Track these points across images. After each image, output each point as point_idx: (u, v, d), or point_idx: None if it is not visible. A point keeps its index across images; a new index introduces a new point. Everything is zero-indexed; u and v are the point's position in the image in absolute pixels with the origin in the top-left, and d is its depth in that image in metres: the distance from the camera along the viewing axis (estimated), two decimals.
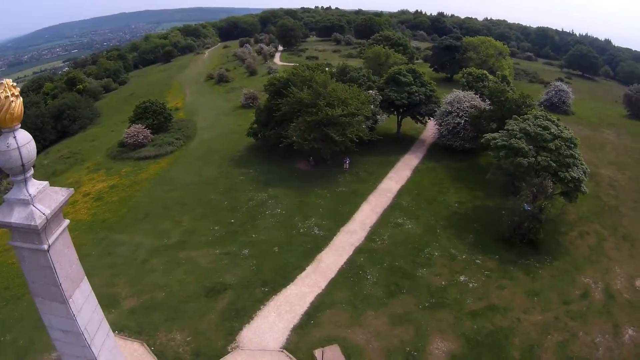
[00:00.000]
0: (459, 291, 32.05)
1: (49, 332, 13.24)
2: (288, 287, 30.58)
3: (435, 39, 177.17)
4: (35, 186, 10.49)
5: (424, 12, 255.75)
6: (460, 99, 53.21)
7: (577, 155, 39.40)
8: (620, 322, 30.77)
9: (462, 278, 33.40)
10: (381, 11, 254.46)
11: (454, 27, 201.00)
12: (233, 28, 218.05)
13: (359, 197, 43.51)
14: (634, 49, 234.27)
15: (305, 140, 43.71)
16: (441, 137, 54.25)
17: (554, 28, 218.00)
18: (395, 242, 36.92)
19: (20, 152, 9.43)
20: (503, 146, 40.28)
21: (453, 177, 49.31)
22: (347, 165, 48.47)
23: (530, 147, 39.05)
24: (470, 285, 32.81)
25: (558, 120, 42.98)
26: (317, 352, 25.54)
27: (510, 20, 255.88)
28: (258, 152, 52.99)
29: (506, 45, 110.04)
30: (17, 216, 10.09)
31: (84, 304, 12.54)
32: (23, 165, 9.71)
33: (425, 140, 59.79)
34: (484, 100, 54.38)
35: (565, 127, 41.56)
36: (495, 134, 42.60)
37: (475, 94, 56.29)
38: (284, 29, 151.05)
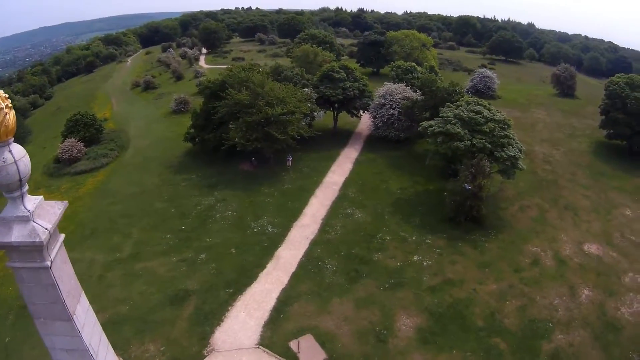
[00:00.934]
0: (414, 270, 33.72)
1: (51, 354, 12.64)
2: (252, 285, 30.67)
3: (357, 35, 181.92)
4: (32, 201, 10.01)
5: (344, 9, 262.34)
6: (392, 91, 55.50)
7: (511, 135, 42.63)
8: (575, 284, 33.78)
9: (415, 258, 35.15)
10: (302, 9, 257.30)
11: (375, 23, 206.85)
12: (154, 34, 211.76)
13: (307, 192, 44.21)
14: (557, 30, 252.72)
15: (248, 141, 43.73)
16: (377, 129, 56.17)
17: (475, 16, 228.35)
18: (348, 232, 38.01)
19: (17, 167, 9.01)
20: (440, 132, 42.69)
21: (392, 166, 51.30)
22: (290, 162, 49.01)
23: (466, 131, 41.74)
24: (425, 263, 34.63)
25: (489, 104, 46.15)
26: (293, 344, 25.96)
27: (430, 12, 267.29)
28: (197, 156, 52.24)
29: (430, 37, 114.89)
30: (17, 234, 9.57)
31: (86, 319, 12.08)
32: (20, 180, 9.26)
33: (361, 133, 61.62)
34: (415, 91, 57.04)
35: (497, 111, 44.68)
36: (431, 122, 44.95)
37: (407, 85, 58.74)
38: (207, 31, 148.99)
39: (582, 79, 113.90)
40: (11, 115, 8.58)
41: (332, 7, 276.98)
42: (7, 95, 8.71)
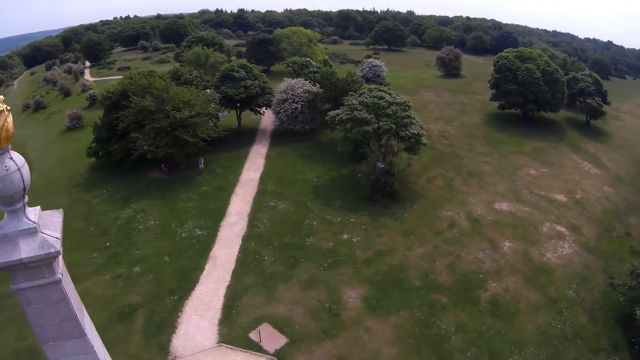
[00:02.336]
0: (347, 247, 35.75)
1: None
2: (196, 288, 30.35)
3: (241, 35, 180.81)
4: (33, 212, 9.09)
5: (224, 10, 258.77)
6: (293, 86, 57.11)
7: (412, 115, 46.39)
8: (494, 238, 38.05)
9: (345, 237, 37.15)
10: (180, 13, 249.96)
11: (257, 22, 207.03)
12: (37, 53, 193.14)
13: (226, 191, 44.15)
14: (437, 15, 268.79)
15: (158, 148, 42.48)
16: (282, 123, 57.29)
17: (355, 9, 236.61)
18: (276, 223, 38.85)
19: (21, 174, 8.18)
20: (348, 119, 44.99)
21: (303, 156, 52.85)
22: (202, 164, 48.40)
23: (372, 115, 44.70)
24: (354, 240, 36.79)
25: (389, 89, 49.47)
26: (254, 334, 26.41)
27: (310, 8, 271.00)
28: (104, 170, 49.29)
29: (316, 32, 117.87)
30: (27, 250, 8.58)
31: (92, 331, 11.45)
32: (24, 189, 8.41)
33: (266, 129, 62.32)
34: (314, 85, 59.00)
35: (397, 94, 48.03)
36: (338, 111, 47.32)
37: (305, 80, 60.49)
38: (90, 44, 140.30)
39: (467, 59, 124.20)
40: (10, 119, 7.92)
41: (212, 8, 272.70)
42: (3, 98, 7.97)
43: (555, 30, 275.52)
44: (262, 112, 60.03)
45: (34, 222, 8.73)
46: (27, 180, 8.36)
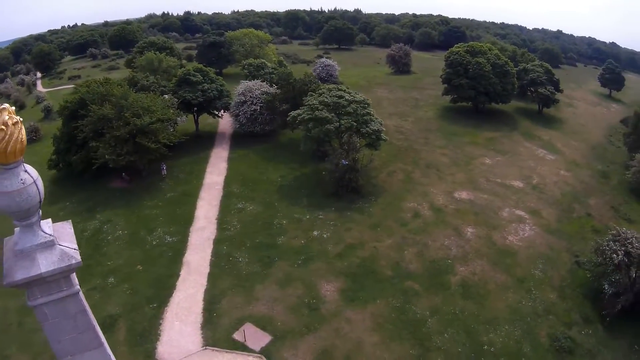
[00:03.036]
0: (318, 244, 36.65)
1: None
2: (174, 295, 30.31)
3: (188, 38, 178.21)
4: (47, 224, 8.79)
5: (171, 14, 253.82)
6: (251, 88, 57.35)
7: (371, 113, 47.77)
8: (457, 225, 39.88)
9: (315, 233, 38.03)
10: (127, 19, 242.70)
11: (204, 24, 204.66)
12: None
13: (191, 196, 43.98)
14: (384, 13, 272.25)
15: (119, 156, 41.77)
16: (241, 125, 57.33)
17: (302, 9, 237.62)
18: (245, 224, 39.18)
19: (37, 187, 7.92)
20: (310, 119, 45.72)
21: (265, 157, 53.27)
22: (165, 171, 47.87)
23: (333, 114, 45.66)
24: (324, 236, 37.75)
25: (348, 88, 50.64)
26: (238, 335, 26.80)
27: (258, 9, 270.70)
28: (64, 182, 47.50)
29: (271, 34, 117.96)
30: (46, 263, 8.23)
31: (104, 338, 11.26)
32: (40, 201, 8.14)
33: (224, 132, 62.22)
34: (271, 86, 59.40)
35: (356, 93, 49.21)
36: (299, 111, 47.95)
37: (262, 81, 60.85)
38: (40, 54, 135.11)
39: (416, 55, 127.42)
40: (23, 131, 7.68)
41: (158, 12, 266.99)
42: (14, 109, 7.72)
43: (503, 23, 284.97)
44: (220, 115, 59.91)
45: (50, 235, 8.47)
46: (42, 192, 8.17)
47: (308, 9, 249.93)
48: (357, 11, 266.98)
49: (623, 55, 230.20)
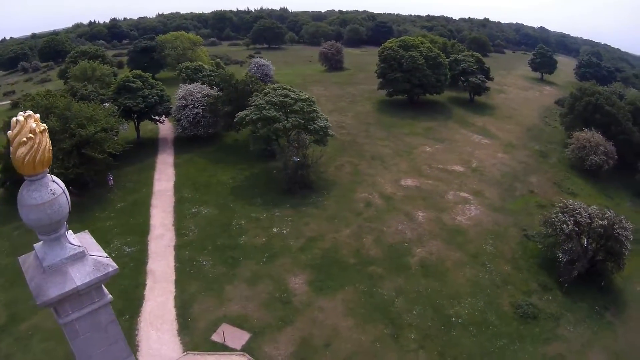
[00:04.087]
0: (280, 240, 37.47)
1: None
2: (144, 305, 29.91)
3: (116, 45, 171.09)
4: (72, 235, 8.23)
5: (98, 22, 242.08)
6: (192, 91, 56.70)
7: (317, 110, 48.97)
8: (408, 210, 41.99)
9: (275, 230, 38.75)
10: (55, 30, 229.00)
11: (131, 30, 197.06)
12: None
13: (143, 205, 43.19)
14: (310, 11, 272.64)
15: (67, 170, 40.35)
16: (184, 130, 56.58)
17: (229, 10, 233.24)
18: (204, 228, 39.15)
19: (66, 197, 7.43)
20: (258, 119, 46.18)
21: (213, 160, 53.06)
22: (112, 181, 46.62)
23: (280, 113, 46.33)
24: (284, 232, 38.57)
25: (292, 87, 51.52)
26: (217, 336, 27.18)
27: (183, 11, 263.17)
28: (12, 201, 44.83)
29: (199, 36, 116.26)
30: (80, 276, 7.69)
31: None
32: (69, 211, 7.67)
33: (167, 137, 61.17)
34: (211, 88, 59.13)
35: (300, 91, 50.19)
36: (246, 111, 48.16)
37: (202, 84, 60.42)
38: None
39: (346, 51, 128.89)
40: (49, 140, 7.22)
41: (85, 21, 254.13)
42: (38, 116, 7.23)
43: (429, 15, 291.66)
44: (161, 120, 58.97)
45: (79, 246, 7.97)
46: (69, 201, 7.73)
47: (235, 9, 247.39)
48: (284, 10, 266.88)
49: (552, 39, 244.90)
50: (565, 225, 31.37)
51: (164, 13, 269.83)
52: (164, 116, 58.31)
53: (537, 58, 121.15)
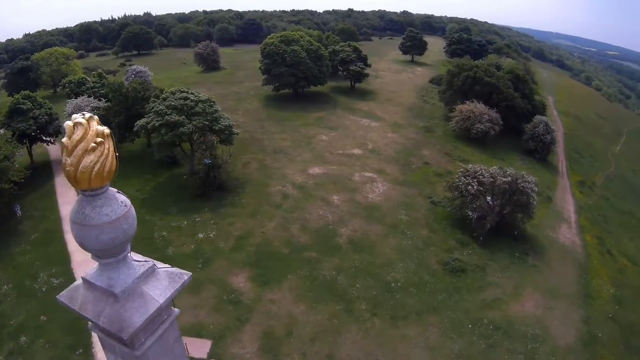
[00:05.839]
0: (209, 244, 36.74)
1: None
2: (94, 335, 27.82)
3: None
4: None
5: None
6: (80, 106, 52.50)
7: (219, 109, 47.90)
8: (323, 196, 43.52)
9: (201, 235, 37.87)
10: None
11: (0, 53, 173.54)
12: None
13: (56, 232, 39.16)
14: (174, 12, 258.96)
15: None
16: None
17: (94, 20, 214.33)
18: None
19: (133, 210, 6.28)
20: (161, 125, 44.01)
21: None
22: (19, 212, 41.81)
23: (183, 117, 44.60)
24: (211, 235, 37.87)
25: (189, 89, 49.65)
26: None
27: (49, 28, 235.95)
28: None
29: (72, 50, 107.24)
30: (160, 292, 6.44)
31: None
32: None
33: (59, 158, 55.91)
34: (99, 100, 55.05)
35: (199, 93, 48.67)
36: (146, 119, 45.56)
37: (88, 97, 56.05)
38: None
39: (221, 51, 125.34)
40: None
41: None
42: (97, 118, 5.96)
43: (293, 10, 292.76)
44: (52, 141, 53.70)
45: (148, 260, 6.87)
46: None
47: (99, 19, 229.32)
48: (148, 14, 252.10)
49: (417, 21, 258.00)
50: (470, 187, 35.03)
51: (31, 32, 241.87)
52: (54, 136, 53.17)
53: (406, 42, 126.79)
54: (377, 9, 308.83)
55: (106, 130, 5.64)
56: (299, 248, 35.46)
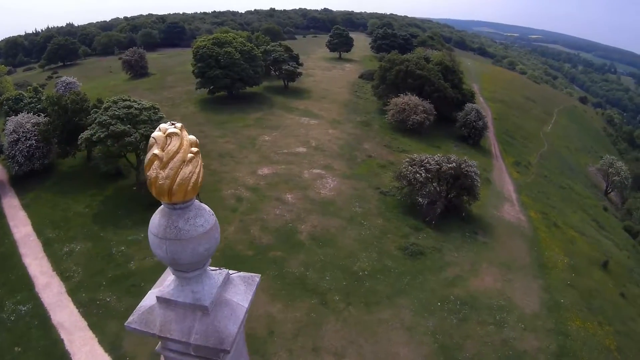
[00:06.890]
0: None
1: None
2: (73, 359, 27.05)
3: None
4: None
5: None
6: (21, 122, 49.07)
7: (164, 116, 47.35)
8: (278, 195, 44.39)
9: None
10: None
11: None
12: None
13: (12, 256, 36.64)
14: (95, 21, 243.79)
15: None
16: (20, 166, 48.92)
17: (18, 35, 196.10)
18: (87, 265, 35.42)
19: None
20: (107, 136, 42.41)
21: (59, 193, 46.86)
22: None
23: (129, 126, 43.25)
24: None
25: (130, 97, 48.06)
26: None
27: None
28: None
29: (3, 66, 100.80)
30: (242, 298, 6.24)
31: None
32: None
33: (1, 179, 52.03)
34: (39, 115, 51.93)
35: (141, 100, 47.27)
36: (90, 131, 43.61)
37: (28, 112, 52.76)
38: None
39: (150, 57, 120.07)
40: None
41: None
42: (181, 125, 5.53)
43: (215, 11, 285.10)
44: None
45: (221, 268, 6.61)
46: None
47: (23, 33, 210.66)
48: (70, 25, 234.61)
49: (339, 18, 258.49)
50: (419, 175, 37.37)
51: None
52: None
53: (334, 39, 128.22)
54: (297, 7, 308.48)
55: (196, 140, 5.36)
56: (264, 249, 36.14)
